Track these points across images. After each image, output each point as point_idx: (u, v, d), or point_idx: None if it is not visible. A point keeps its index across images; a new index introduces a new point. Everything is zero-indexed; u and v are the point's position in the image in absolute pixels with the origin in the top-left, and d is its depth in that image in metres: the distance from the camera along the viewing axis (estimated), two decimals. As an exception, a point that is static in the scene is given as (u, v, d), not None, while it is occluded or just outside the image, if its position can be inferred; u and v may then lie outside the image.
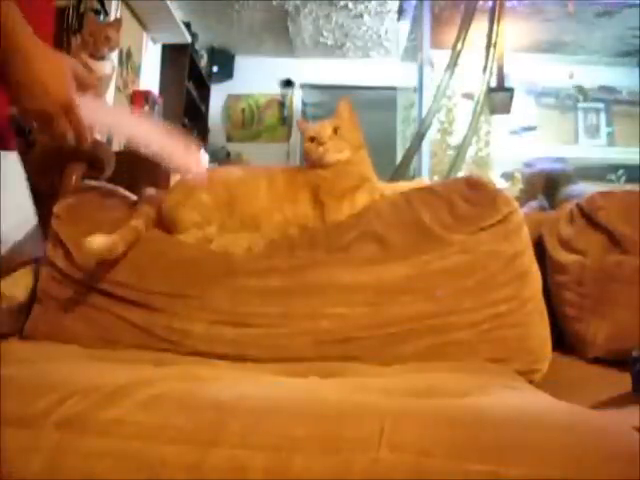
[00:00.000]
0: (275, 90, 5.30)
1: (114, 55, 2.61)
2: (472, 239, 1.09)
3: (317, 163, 1.21)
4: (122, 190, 1.30)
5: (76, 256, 1.10)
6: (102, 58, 2.21)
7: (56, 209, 1.20)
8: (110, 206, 1.23)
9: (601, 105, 4.98)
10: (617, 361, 1.07)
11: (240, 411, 0.64)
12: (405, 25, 4.50)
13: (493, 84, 3.49)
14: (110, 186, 1.32)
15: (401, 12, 4.26)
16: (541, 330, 1.09)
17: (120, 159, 1.77)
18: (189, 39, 4.35)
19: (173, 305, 1.07)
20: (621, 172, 4.73)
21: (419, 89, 3.85)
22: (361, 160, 1.25)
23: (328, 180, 1.20)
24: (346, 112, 1.25)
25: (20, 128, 1.57)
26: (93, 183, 1.35)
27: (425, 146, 3.60)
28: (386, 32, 4.73)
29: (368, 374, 0.94)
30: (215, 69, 5.15)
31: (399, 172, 3.19)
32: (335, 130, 1.21)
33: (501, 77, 3.51)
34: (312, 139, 1.22)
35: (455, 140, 4.22)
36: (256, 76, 5.22)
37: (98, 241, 1.02)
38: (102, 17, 3.13)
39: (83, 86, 0.90)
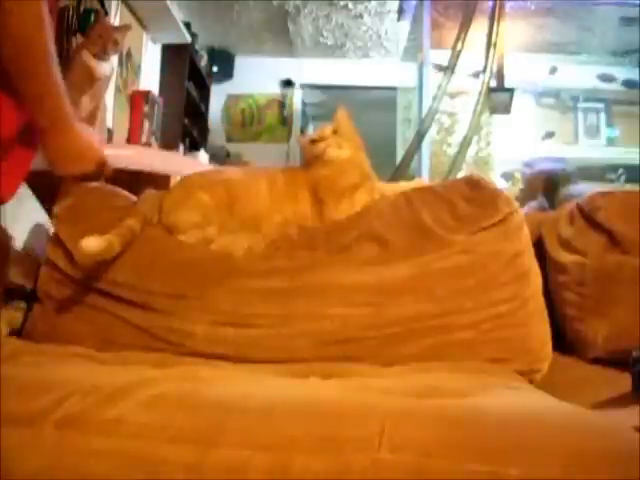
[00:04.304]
0: (275, 90, 5.29)
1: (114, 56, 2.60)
2: (473, 239, 1.09)
3: (319, 160, 1.22)
4: (122, 191, 1.30)
5: (76, 257, 1.10)
6: (104, 59, 2.22)
7: (56, 209, 1.20)
8: (110, 207, 1.22)
9: (601, 105, 4.98)
10: (617, 361, 1.07)
11: (240, 411, 0.64)
12: (405, 25, 4.50)
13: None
14: (110, 187, 1.32)
15: (401, 12, 4.26)
16: (541, 330, 1.09)
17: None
18: (189, 39, 4.35)
19: (173, 306, 1.07)
20: (621, 172, 4.73)
21: (419, 89, 3.85)
22: (362, 160, 1.27)
23: (329, 177, 1.21)
24: (344, 119, 1.28)
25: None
26: (93, 184, 1.35)
27: (425, 146, 3.60)
28: (386, 32, 4.72)
29: (369, 374, 0.93)
30: (215, 69, 5.14)
31: (399, 172, 3.19)
32: (335, 131, 1.24)
33: (501, 77, 3.51)
34: (313, 141, 1.23)
35: (457, 139, 4.21)
36: (256, 76, 5.21)
37: (93, 243, 0.99)
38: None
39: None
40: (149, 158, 1.26)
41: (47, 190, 1.28)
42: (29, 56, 1.00)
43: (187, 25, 4.38)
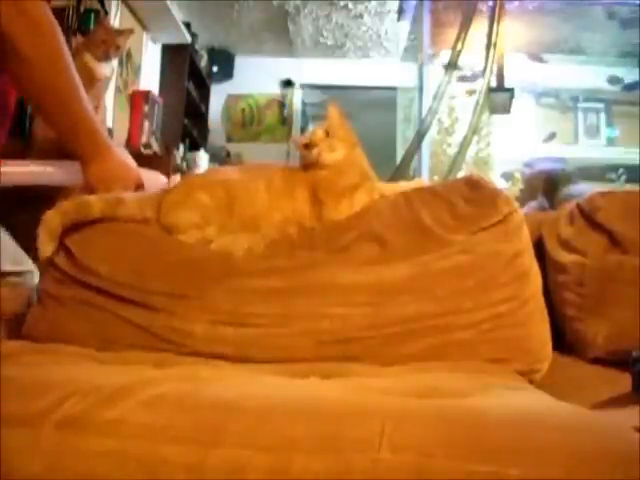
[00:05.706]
0: (275, 90, 5.30)
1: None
2: (472, 239, 1.09)
3: (314, 166, 1.22)
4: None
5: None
6: (105, 61, 2.21)
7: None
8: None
9: (601, 105, 4.98)
10: (617, 361, 1.07)
11: (240, 411, 0.64)
12: (405, 25, 4.50)
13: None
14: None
15: (401, 12, 4.26)
16: (541, 330, 1.09)
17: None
18: (189, 39, 4.36)
19: (173, 305, 1.07)
20: (621, 172, 4.73)
21: (419, 89, 3.86)
22: (359, 158, 1.26)
23: (328, 178, 1.21)
24: (335, 115, 1.26)
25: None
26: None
27: (425, 146, 3.61)
28: (386, 32, 4.73)
29: (369, 374, 0.93)
30: (215, 69, 5.15)
31: (399, 172, 3.20)
32: (327, 133, 1.23)
33: (501, 77, 3.51)
34: (306, 146, 1.23)
35: (457, 139, 4.22)
36: (256, 76, 5.22)
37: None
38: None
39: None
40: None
41: (46, 197, 1.27)
42: (57, 98, 1.02)
43: (187, 25, 4.39)
